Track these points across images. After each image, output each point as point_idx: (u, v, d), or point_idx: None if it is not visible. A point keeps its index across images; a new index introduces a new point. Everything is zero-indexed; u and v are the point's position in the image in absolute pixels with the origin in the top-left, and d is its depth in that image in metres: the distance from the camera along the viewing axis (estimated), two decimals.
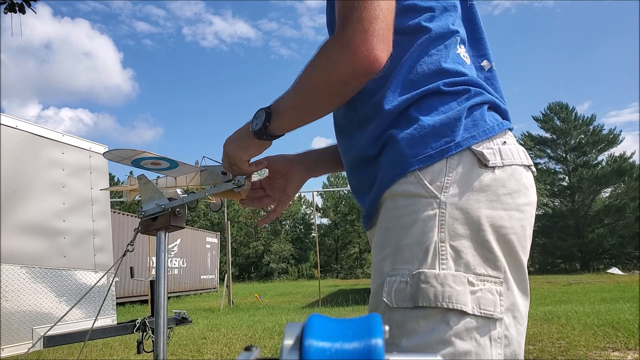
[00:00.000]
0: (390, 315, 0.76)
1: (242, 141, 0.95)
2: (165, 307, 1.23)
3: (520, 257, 0.79)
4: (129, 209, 24.61)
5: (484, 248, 0.76)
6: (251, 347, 0.31)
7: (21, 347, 2.83)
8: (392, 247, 0.79)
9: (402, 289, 0.75)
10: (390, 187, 0.81)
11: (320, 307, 11.13)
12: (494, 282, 0.75)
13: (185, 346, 5.72)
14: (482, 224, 0.76)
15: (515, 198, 0.79)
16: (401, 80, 0.84)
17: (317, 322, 0.30)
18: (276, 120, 0.87)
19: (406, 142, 0.80)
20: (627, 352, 4.52)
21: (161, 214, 1.23)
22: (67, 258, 3.28)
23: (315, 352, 0.28)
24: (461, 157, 0.79)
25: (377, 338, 0.28)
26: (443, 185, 0.77)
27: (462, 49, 0.90)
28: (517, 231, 0.78)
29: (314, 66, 0.81)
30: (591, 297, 10.44)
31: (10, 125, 3.05)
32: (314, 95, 0.82)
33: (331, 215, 45.05)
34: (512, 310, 0.76)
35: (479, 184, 0.77)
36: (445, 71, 0.84)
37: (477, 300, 0.73)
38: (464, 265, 0.74)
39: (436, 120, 0.80)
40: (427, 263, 0.75)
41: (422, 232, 0.76)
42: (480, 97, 0.84)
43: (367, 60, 0.74)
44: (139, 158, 1.21)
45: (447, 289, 0.72)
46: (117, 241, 10.22)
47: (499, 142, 0.82)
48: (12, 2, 5.52)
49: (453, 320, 0.72)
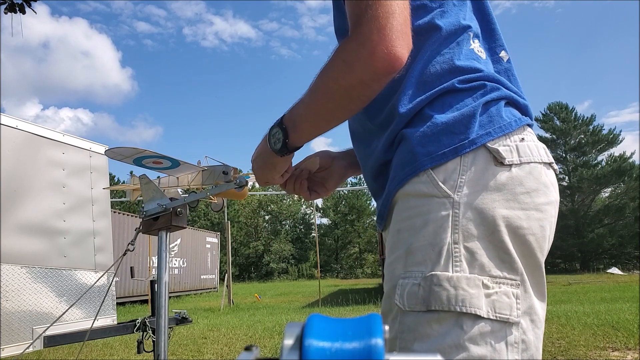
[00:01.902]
0: (402, 318, 0.74)
1: (267, 162, 0.92)
2: (167, 307, 1.23)
3: (538, 258, 0.76)
4: (129, 209, 24.61)
5: (499, 249, 0.73)
6: (251, 346, 0.32)
7: (21, 347, 2.83)
8: (403, 249, 0.77)
9: (414, 292, 0.73)
10: (402, 187, 0.79)
11: (320, 307, 11.12)
12: (510, 284, 0.72)
13: (186, 346, 5.72)
14: (498, 224, 0.73)
15: (533, 197, 0.76)
16: (414, 82, 0.81)
17: (317, 322, 0.31)
18: (294, 133, 0.83)
19: (418, 140, 0.78)
20: (627, 352, 4.52)
21: (162, 214, 1.23)
22: (67, 258, 3.28)
23: (315, 352, 0.28)
24: (476, 155, 0.76)
25: (377, 338, 0.28)
26: (457, 185, 0.75)
27: (476, 44, 0.86)
28: (536, 232, 0.75)
29: (328, 71, 0.77)
30: (591, 297, 10.44)
31: (10, 125, 3.05)
32: (330, 101, 0.77)
33: (331, 215, 45.02)
34: (530, 314, 0.74)
35: (495, 182, 0.74)
36: (459, 69, 0.81)
37: (492, 303, 0.70)
38: (479, 267, 0.72)
39: (449, 117, 0.77)
40: (440, 265, 0.72)
41: (435, 234, 0.74)
42: (497, 93, 0.81)
43: (387, 59, 0.69)
44: (141, 156, 1.22)
45: (460, 292, 0.70)
46: (117, 241, 10.21)
47: (516, 139, 0.78)
48: (12, 2, 5.52)
49: (467, 325, 0.69)
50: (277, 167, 0.93)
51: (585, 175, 35.25)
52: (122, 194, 19.45)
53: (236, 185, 1.10)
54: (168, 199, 1.25)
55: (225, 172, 1.22)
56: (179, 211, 1.22)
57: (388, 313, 0.78)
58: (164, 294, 1.22)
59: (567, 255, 35.45)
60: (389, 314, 0.78)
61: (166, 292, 1.23)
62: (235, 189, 1.11)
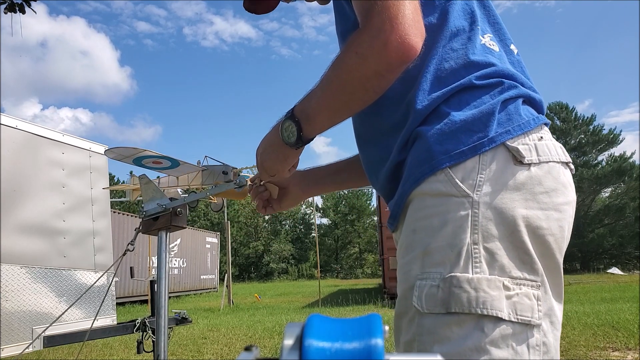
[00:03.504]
0: (420, 320, 0.73)
1: (279, 154, 0.92)
2: (166, 307, 1.23)
3: (557, 259, 0.75)
4: (129, 209, 24.61)
5: (519, 250, 0.72)
6: (251, 347, 0.31)
7: (21, 347, 2.83)
8: (420, 249, 0.75)
9: (433, 294, 0.71)
10: (418, 186, 0.77)
11: (320, 307, 11.13)
12: (530, 286, 0.71)
13: (185, 346, 5.72)
14: (518, 224, 0.72)
15: (552, 197, 0.74)
16: (430, 78, 0.80)
17: (317, 322, 0.31)
18: (307, 125, 0.83)
19: (435, 138, 0.76)
20: (627, 352, 4.52)
21: (162, 214, 1.23)
22: (67, 258, 3.28)
23: (315, 352, 0.28)
24: (495, 154, 0.74)
25: (377, 338, 0.28)
26: (476, 184, 0.73)
27: (487, 38, 0.85)
28: (555, 232, 0.74)
29: (341, 63, 0.76)
30: (591, 297, 10.44)
31: (10, 125, 3.05)
32: (345, 93, 0.76)
33: (331, 215, 45.05)
34: (549, 315, 0.73)
35: (514, 182, 0.73)
36: (474, 63, 0.79)
37: (514, 305, 0.69)
38: (499, 269, 0.71)
39: (468, 115, 0.76)
40: (459, 266, 0.71)
41: (454, 234, 0.72)
42: (515, 91, 0.80)
43: (401, 49, 0.69)
44: (141, 156, 1.22)
45: (481, 294, 0.69)
46: (117, 241, 10.23)
47: (535, 138, 0.77)
48: (12, 2, 5.52)
49: (488, 327, 0.68)
50: (288, 160, 0.93)
51: (585, 175, 35.25)
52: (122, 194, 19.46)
53: (236, 185, 1.10)
54: (168, 199, 1.24)
55: (225, 172, 1.22)
56: (179, 211, 1.22)
57: (403, 315, 0.77)
58: (164, 294, 1.22)
59: (568, 255, 35.03)
60: (404, 316, 0.77)
61: (166, 292, 1.23)
62: (235, 189, 1.11)
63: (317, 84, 0.81)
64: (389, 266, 11.07)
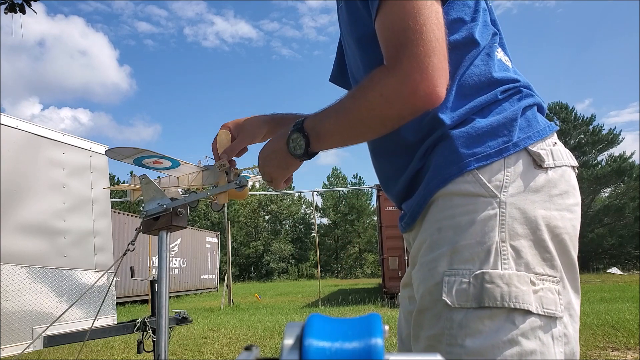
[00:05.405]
0: (450, 315, 0.76)
1: (282, 161, 0.95)
2: (167, 307, 1.23)
3: (573, 256, 0.81)
4: (129, 208, 24.60)
5: (541, 248, 0.77)
6: (251, 346, 0.32)
7: (21, 347, 2.83)
8: (447, 247, 0.78)
9: (464, 289, 0.75)
10: (445, 186, 0.81)
11: (320, 306, 11.12)
12: (552, 281, 0.76)
13: (186, 346, 5.72)
14: (539, 224, 0.77)
15: (565, 199, 0.81)
16: (455, 94, 0.83)
17: (317, 321, 0.31)
18: (316, 142, 0.86)
19: (462, 142, 0.81)
20: (626, 352, 4.52)
21: (163, 214, 1.23)
22: (68, 258, 3.28)
23: (315, 351, 0.28)
24: (518, 158, 0.80)
25: (377, 338, 0.29)
26: (502, 185, 0.78)
27: (501, 52, 0.90)
28: (570, 231, 0.80)
29: (363, 99, 0.78)
30: (591, 297, 10.44)
31: (11, 125, 3.05)
32: (362, 126, 0.80)
33: (331, 215, 45.00)
34: (569, 309, 0.78)
35: (535, 184, 0.79)
36: (498, 81, 0.84)
37: (540, 299, 0.74)
38: (524, 265, 0.75)
39: (492, 120, 0.81)
40: (489, 263, 0.75)
41: (483, 232, 0.76)
42: (531, 99, 0.86)
43: (428, 99, 0.72)
44: (141, 156, 1.22)
45: (513, 289, 0.73)
46: (117, 241, 10.22)
47: (550, 143, 0.83)
48: (12, 2, 5.52)
49: (518, 320, 0.73)
50: (290, 168, 0.96)
51: (585, 175, 35.21)
52: (123, 194, 19.45)
53: (236, 185, 1.10)
54: (168, 199, 1.25)
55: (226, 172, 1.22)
56: (180, 211, 1.22)
57: (427, 310, 0.80)
58: (165, 294, 1.22)
59: None
60: (427, 311, 0.80)
61: (167, 292, 1.23)
62: (236, 189, 1.11)
63: (332, 106, 0.84)
64: (388, 266, 11.07)
